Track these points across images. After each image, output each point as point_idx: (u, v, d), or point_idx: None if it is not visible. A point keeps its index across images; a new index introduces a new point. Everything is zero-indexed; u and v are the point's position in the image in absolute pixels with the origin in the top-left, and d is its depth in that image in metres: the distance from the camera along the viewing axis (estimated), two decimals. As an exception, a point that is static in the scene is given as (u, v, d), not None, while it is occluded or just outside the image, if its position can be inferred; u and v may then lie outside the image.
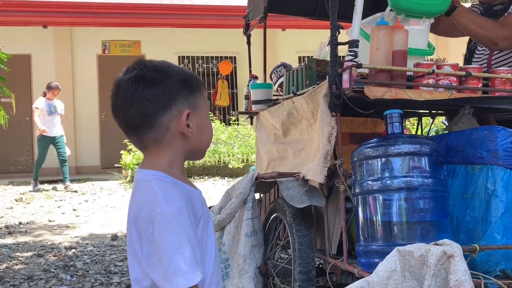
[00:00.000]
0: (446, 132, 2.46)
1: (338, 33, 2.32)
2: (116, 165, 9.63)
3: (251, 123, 3.81)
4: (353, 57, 2.22)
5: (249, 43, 3.92)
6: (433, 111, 2.96)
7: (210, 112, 9.36)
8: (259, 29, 3.92)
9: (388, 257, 1.77)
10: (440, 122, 6.60)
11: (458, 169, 2.18)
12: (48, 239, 5.17)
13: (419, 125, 3.12)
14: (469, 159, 2.13)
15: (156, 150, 1.23)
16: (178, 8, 10.60)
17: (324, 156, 2.32)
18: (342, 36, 2.34)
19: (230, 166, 9.13)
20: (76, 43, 11.42)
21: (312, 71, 2.72)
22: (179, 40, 11.72)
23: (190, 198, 1.20)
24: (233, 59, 11.68)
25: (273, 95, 3.38)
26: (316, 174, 2.32)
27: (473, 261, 1.91)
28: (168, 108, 1.20)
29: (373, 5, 2.74)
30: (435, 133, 5.84)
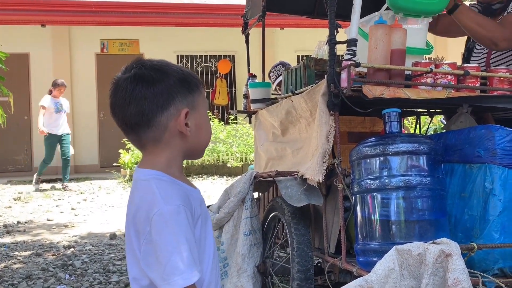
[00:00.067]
0: (444, 131, 2.47)
1: (337, 32, 2.32)
2: (115, 164, 9.63)
3: (250, 122, 3.82)
4: (352, 56, 2.22)
5: (248, 42, 3.92)
6: (432, 110, 2.96)
7: (209, 111, 9.37)
8: (258, 28, 3.92)
9: (386, 256, 1.77)
10: (439, 121, 6.60)
11: (456, 168, 2.19)
12: (47, 238, 5.17)
13: (418, 124, 3.12)
14: (467, 158, 2.13)
15: (155, 149, 1.23)
16: (177, 7, 10.57)
17: (323, 155, 2.32)
18: (341, 35, 2.34)
19: (229, 165, 9.13)
20: (75, 42, 11.39)
21: (311, 70, 2.73)
22: (178, 39, 11.70)
23: (188, 197, 1.20)
24: (232, 58, 11.67)
25: (272, 94, 3.39)
26: (315, 173, 2.33)
27: (471, 260, 1.92)
28: (167, 107, 1.20)
29: (372, 4, 2.73)
30: (434, 132, 5.85)
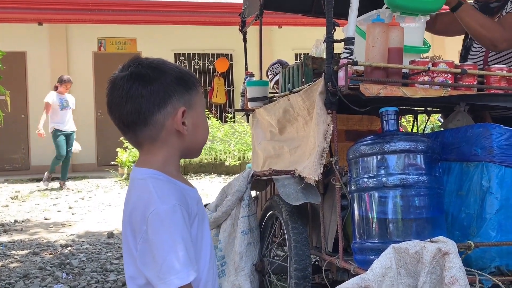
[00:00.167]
0: (442, 130, 2.47)
1: (334, 31, 2.32)
2: (112, 163, 9.61)
3: (248, 121, 3.81)
4: (349, 55, 2.22)
5: (245, 40, 3.91)
6: (429, 109, 2.96)
7: (206, 110, 9.33)
8: (255, 26, 3.91)
9: (384, 254, 1.77)
10: (436, 119, 6.61)
11: (453, 166, 2.19)
12: (44, 237, 5.16)
13: (415, 123, 3.13)
14: (464, 156, 2.14)
15: (151, 148, 1.23)
16: (174, 5, 10.56)
17: (320, 154, 2.32)
18: (338, 34, 2.34)
19: (227, 164, 9.13)
20: (72, 40, 11.37)
21: (308, 69, 2.72)
22: (175, 37, 11.69)
23: (185, 197, 1.20)
24: (229, 57, 11.66)
25: (269, 93, 3.38)
26: (312, 172, 2.33)
27: (468, 258, 1.92)
28: (163, 106, 1.19)
29: (369, 3, 2.73)
30: (431, 131, 5.86)
